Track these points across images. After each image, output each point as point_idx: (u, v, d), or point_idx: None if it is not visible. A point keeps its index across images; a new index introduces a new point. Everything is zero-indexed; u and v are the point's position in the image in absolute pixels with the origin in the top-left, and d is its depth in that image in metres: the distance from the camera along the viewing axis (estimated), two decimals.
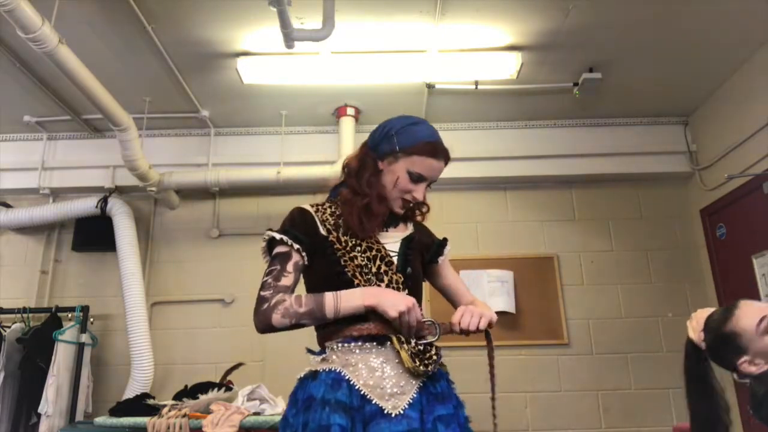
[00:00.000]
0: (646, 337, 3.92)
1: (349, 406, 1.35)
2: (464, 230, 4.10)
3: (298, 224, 1.51)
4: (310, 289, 1.53)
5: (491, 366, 1.50)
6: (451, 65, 3.42)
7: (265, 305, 1.39)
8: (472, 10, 3.00)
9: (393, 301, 1.35)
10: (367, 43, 3.27)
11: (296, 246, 1.47)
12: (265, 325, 1.39)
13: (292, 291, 1.45)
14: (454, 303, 1.69)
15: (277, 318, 1.37)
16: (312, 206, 1.58)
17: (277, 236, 1.47)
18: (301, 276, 1.52)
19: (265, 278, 1.44)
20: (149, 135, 4.09)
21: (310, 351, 1.50)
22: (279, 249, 1.48)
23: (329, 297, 1.38)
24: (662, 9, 3.00)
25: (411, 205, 1.57)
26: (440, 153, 1.54)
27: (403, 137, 1.52)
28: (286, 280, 1.43)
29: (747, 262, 3.48)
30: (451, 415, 1.42)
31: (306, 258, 1.49)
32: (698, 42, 3.28)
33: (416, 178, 1.52)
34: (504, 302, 3.91)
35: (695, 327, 1.61)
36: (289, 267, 1.45)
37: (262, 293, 1.41)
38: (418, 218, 1.68)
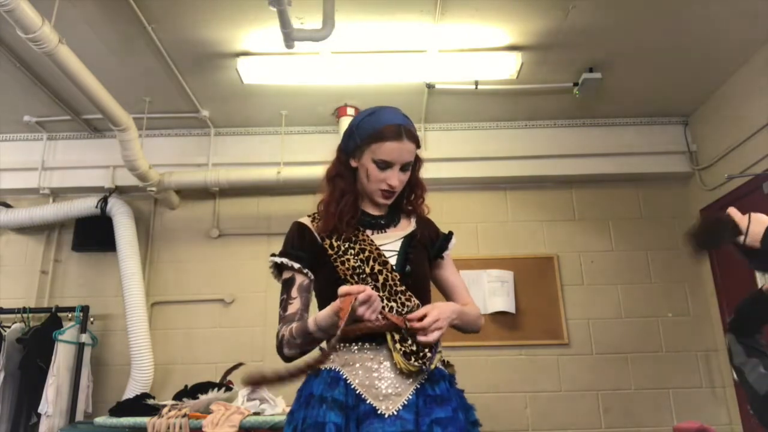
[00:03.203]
0: (646, 337, 3.91)
1: (344, 405, 1.36)
2: (464, 230, 4.10)
3: (296, 241, 1.55)
4: (318, 297, 1.56)
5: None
6: (451, 65, 3.42)
7: (277, 341, 1.48)
8: (472, 10, 3.00)
9: (335, 304, 1.32)
10: (367, 43, 3.27)
11: (296, 266, 1.50)
12: (283, 358, 1.48)
13: (303, 312, 1.49)
14: (450, 301, 1.66)
15: (288, 351, 1.46)
16: (309, 216, 1.60)
17: (278, 260, 1.53)
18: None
19: (279, 310, 1.52)
20: (149, 135, 4.08)
21: (320, 348, 1.52)
22: (284, 275, 1.54)
23: (311, 320, 1.41)
24: (662, 9, 3.00)
25: (393, 192, 1.54)
26: (397, 134, 1.49)
27: (361, 130, 1.53)
28: (292, 307, 1.49)
29: (747, 262, 3.47)
30: (450, 417, 1.40)
31: (310, 274, 1.52)
32: (698, 42, 3.28)
33: (382, 165, 1.50)
34: (504, 302, 3.91)
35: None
36: (294, 292, 1.50)
37: (278, 328, 1.49)
38: (421, 208, 1.66)
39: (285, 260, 1.51)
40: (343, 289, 1.30)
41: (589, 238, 4.14)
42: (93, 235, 4.06)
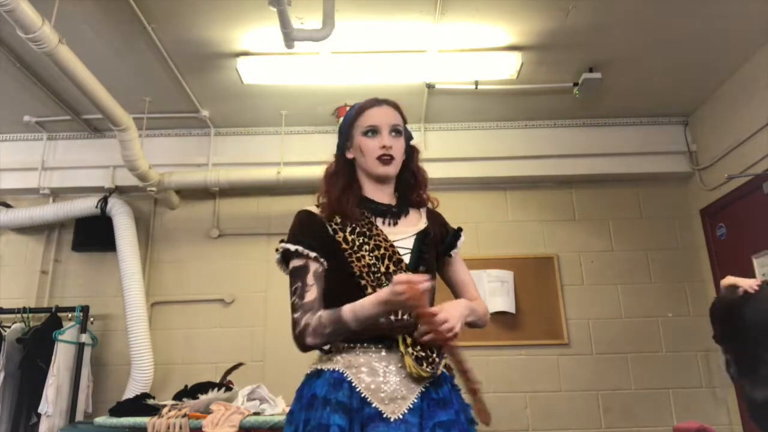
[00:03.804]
0: (646, 337, 3.91)
1: (348, 407, 1.35)
2: (464, 230, 4.07)
3: (307, 229, 1.50)
4: (325, 291, 1.50)
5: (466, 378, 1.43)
6: (451, 65, 3.42)
7: (298, 329, 1.40)
8: (472, 9, 3.00)
9: (394, 293, 1.29)
10: (367, 43, 3.27)
11: (312, 255, 1.45)
12: (303, 347, 1.41)
13: (320, 301, 1.43)
14: (458, 298, 1.65)
15: (309, 340, 1.39)
16: (318, 206, 1.57)
17: (292, 248, 1.46)
18: None
19: (292, 299, 1.44)
20: (149, 135, 4.08)
21: (319, 349, 1.50)
22: (295, 263, 1.46)
23: (347, 311, 1.36)
24: (662, 9, 3.00)
25: (390, 157, 1.54)
26: (375, 102, 1.62)
27: (346, 119, 1.64)
28: (310, 295, 1.42)
29: (747, 262, 3.48)
30: (453, 420, 1.40)
31: (324, 262, 1.47)
32: (698, 42, 3.28)
33: (370, 131, 1.56)
34: (504, 302, 3.91)
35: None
36: (309, 279, 1.44)
37: (294, 316, 1.42)
38: (426, 198, 1.65)
39: (300, 248, 1.44)
40: (403, 277, 1.28)
41: (589, 238, 4.14)
42: (93, 235, 4.06)
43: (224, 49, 3.29)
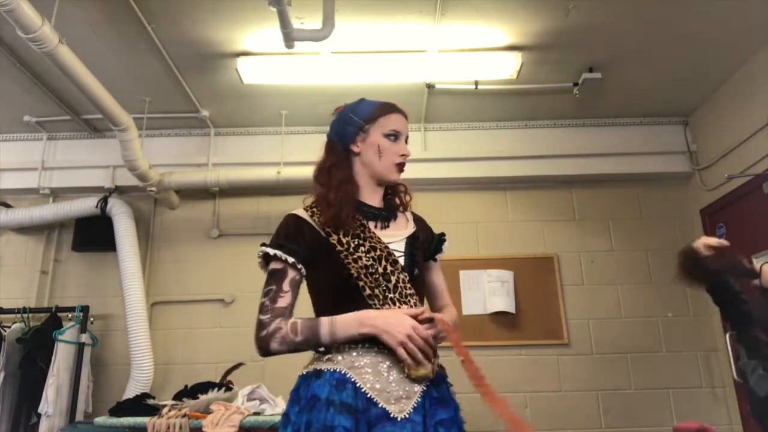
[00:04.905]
0: (646, 337, 3.91)
1: (354, 408, 1.34)
2: (464, 230, 4.10)
3: (292, 234, 1.48)
4: (315, 295, 1.51)
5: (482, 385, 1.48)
6: (451, 65, 3.42)
7: (264, 332, 1.38)
8: (472, 10, 3.00)
9: (393, 331, 1.36)
10: (367, 43, 3.27)
11: (291, 260, 1.43)
12: (264, 351, 1.40)
13: (291, 309, 1.43)
14: (432, 303, 1.70)
15: (274, 346, 1.37)
16: (307, 210, 1.55)
17: (271, 252, 1.45)
18: (305, 283, 1.51)
19: (263, 299, 1.42)
20: (149, 135, 4.09)
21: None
22: (274, 265, 1.46)
23: (324, 325, 1.37)
24: (662, 9, 3.00)
25: (404, 165, 1.60)
26: (397, 107, 1.63)
27: (360, 112, 1.60)
28: (283, 301, 1.41)
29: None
30: (452, 418, 1.43)
31: (303, 270, 1.46)
32: (698, 42, 3.28)
33: (393, 135, 1.58)
34: (504, 302, 3.91)
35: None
36: (285, 286, 1.43)
37: (261, 317, 1.40)
38: (406, 200, 1.67)
39: (279, 252, 1.44)
40: (440, 317, 1.43)
41: (589, 238, 4.14)
42: (93, 235, 4.06)
43: (224, 49, 3.29)
